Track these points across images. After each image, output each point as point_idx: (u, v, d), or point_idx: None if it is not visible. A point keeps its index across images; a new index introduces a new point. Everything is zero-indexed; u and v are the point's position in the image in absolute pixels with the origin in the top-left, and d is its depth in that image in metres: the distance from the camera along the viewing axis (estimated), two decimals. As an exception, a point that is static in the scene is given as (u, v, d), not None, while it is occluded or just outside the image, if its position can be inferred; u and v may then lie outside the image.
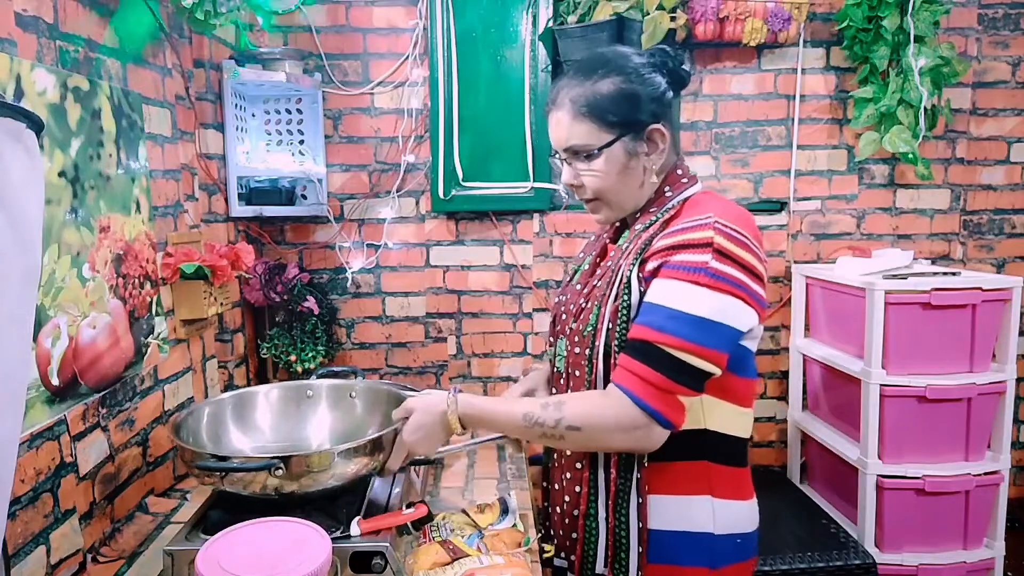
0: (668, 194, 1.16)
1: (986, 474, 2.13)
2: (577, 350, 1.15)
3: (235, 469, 1.11)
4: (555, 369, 1.25)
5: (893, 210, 2.57)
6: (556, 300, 1.30)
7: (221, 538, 0.98)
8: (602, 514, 1.14)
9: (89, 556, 1.29)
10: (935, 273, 2.19)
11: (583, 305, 1.17)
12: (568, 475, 1.19)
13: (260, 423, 1.46)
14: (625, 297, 1.08)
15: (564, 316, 1.23)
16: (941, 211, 2.57)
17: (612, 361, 1.09)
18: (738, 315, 1.03)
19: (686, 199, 1.14)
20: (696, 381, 1.03)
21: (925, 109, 2.29)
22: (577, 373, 1.16)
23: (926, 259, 2.51)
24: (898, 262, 2.25)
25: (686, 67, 1.16)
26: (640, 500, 1.10)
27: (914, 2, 2.24)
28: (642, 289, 1.07)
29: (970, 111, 2.53)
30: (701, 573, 1.12)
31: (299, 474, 1.12)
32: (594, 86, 1.12)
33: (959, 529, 2.16)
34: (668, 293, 1.03)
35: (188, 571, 1.09)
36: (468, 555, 1.14)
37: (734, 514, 1.15)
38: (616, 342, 1.08)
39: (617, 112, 1.11)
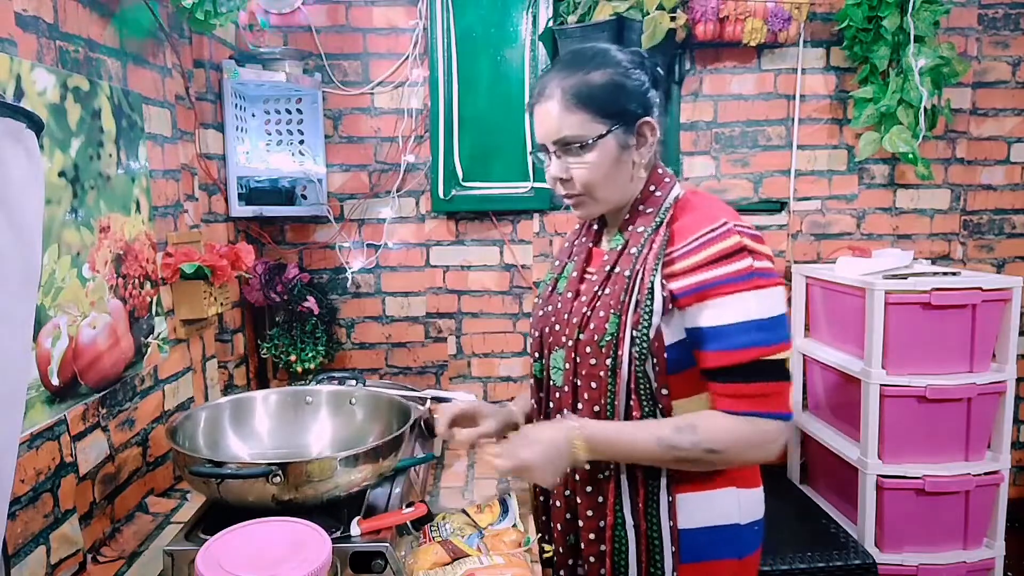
0: (657, 194, 1.16)
1: (986, 474, 2.13)
2: (593, 361, 1.10)
3: (230, 476, 1.10)
4: (549, 383, 1.21)
5: (893, 210, 2.57)
6: (541, 312, 1.25)
7: (221, 538, 0.98)
8: (630, 521, 1.11)
9: (89, 556, 1.29)
10: (935, 273, 2.19)
11: (588, 314, 1.12)
12: (588, 488, 1.14)
13: (259, 429, 1.44)
14: (648, 303, 1.06)
15: (558, 327, 1.18)
16: (941, 211, 2.57)
17: (635, 369, 1.08)
18: (784, 302, 1.10)
19: (676, 199, 1.15)
20: (788, 372, 1.10)
21: (925, 109, 2.29)
22: (593, 384, 1.11)
23: (926, 259, 2.51)
24: (898, 262, 2.24)
25: (660, 69, 1.17)
26: (670, 499, 1.10)
27: (914, 2, 2.24)
28: (664, 295, 1.06)
29: (970, 111, 2.53)
30: (730, 564, 1.14)
31: (298, 482, 1.11)
32: (586, 76, 1.10)
33: (959, 529, 2.16)
34: (738, 308, 1.04)
35: (188, 571, 1.09)
36: (468, 555, 1.14)
37: (754, 501, 1.17)
38: (637, 349, 1.07)
39: (610, 102, 1.10)
